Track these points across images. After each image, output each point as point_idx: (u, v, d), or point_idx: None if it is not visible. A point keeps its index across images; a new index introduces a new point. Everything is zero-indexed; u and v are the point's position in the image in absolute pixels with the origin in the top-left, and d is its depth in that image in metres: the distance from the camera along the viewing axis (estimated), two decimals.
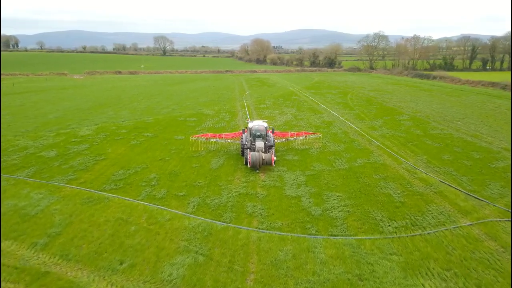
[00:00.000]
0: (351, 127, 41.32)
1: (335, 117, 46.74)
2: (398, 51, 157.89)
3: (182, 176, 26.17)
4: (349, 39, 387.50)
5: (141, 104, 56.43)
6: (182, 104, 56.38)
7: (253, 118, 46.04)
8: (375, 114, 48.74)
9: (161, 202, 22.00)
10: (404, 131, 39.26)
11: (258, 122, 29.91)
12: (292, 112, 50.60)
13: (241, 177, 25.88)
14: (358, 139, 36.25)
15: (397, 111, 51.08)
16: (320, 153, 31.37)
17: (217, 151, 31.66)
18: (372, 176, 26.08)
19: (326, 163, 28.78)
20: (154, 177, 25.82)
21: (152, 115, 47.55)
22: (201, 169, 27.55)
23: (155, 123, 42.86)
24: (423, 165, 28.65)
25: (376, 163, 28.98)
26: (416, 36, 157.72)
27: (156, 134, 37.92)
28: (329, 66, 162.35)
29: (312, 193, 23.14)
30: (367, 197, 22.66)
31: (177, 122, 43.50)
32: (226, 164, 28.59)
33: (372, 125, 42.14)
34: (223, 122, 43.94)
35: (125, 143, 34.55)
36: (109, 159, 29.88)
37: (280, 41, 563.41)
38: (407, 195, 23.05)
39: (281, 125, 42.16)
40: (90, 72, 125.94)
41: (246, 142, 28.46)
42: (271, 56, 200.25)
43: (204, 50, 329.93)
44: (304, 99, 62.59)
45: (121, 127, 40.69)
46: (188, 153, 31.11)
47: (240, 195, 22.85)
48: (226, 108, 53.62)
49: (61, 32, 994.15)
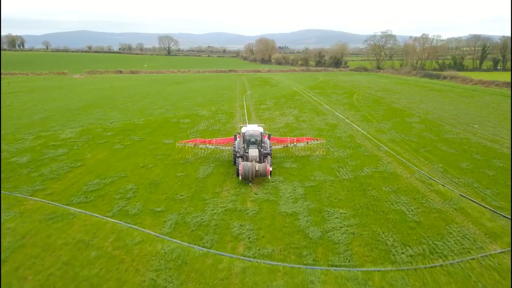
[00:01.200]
0: (357, 130, 37.87)
1: (340, 119, 43.32)
2: (406, 50, 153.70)
3: (164, 187, 22.96)
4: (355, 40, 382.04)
5: (135, 105, 53.40)
6: (177, 105, 53.25)
7: (251, 120, 42.79)
8: (383, 116, 45.22)
9: (134, 219, 18.80)
10: (416, 135, 35.74)
11: (252, 127, 26.57)
12: (294, 113, 47.24)
13: (231, 188, 22.60)
14: (365, 143, 32.83)
15: (407, 113, 47.50)
16: (322, 160, 28.00)
17: (206, 157, 28.41)
18: (381, 188, 22.68)
19: (329, 172, 25.41)
20: (132, 188, 22.64)
21: (143, 116, 44.46)
22: (186, 178, 24.32)
23: (145, 125, 39.74)
24: (439, 175, 25.17)
25: (385, 172, 25.55)
26: (425, 35, 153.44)
27: (144, 137, 34.78)
28: (335, 66, 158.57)
29: (311, 210, 19.80)
30: (375, 215, 19.28)
31: (169, 124, 40.34)
32: (215, 172, 25.33)
33: (380, 128, 38.67)
34: (219, 124, 40.70)
35: (108, 147, 31.43)
36: (86, 166, 26.76)
37: (286, 41, 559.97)
38: (423, 212, 19.63)
39: (281, 128, 38.84)
40: (91, 72, 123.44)
41: (239, 149, 25.12)
42: (276, 56, 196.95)
43: (209, 50, 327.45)
44: (307, 100, 59.19)
45: (108, 129, 37.61)
46: (175, 159, 27.90)
47: (227, 212, 19.57)
48: (223, 109, 50.40)
49: (69, 32, 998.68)
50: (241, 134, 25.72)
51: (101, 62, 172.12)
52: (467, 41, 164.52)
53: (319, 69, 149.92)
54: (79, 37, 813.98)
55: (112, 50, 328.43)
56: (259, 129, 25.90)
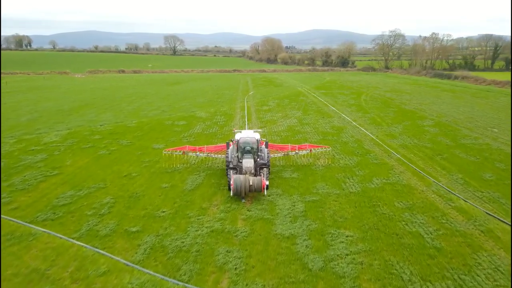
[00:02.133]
0: (366, 134, 34.83)
1: (346, 122, 40.27)
2: (414, 50, 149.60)
3: (145, 200, 20.18)
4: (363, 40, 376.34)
5: (130, 105, 50.81)
6: (175, 106, 50.55)
7: (251, 122, 39.94)
8: (393, 119, 42.09)
9: (103, 242, 16.04)
10: (430, 140, 32.62)
11: (247, 133, 23.62)
12: (297, 115, 44.27)
13: (220, 203, 19.76)
14: (374, 150, 29.80)
15: (419, 115, 44.30)
16: (326, 169, 25.03)
17: (197, 165, 25.58)
18: (393, 204, 19.69)
19: (334, 184, 22.46)
20: (108, 202, 19.88)
21: (137, 118, 41.80)
22: (171, 190, 21.52)
23: (137, 128, 37.05)
24: (459, 187, 22.12)
25: (397, 184, 22.54)
26: (435, 34, 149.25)
27: (133, 141, 32.07)
28: (342, 65, 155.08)
29: (312, 231, 16.88)
30: (387, 239, 16.31)
31: (162, 127, 37.61)
32: (205, 183, 22.50)
33: (390, 132, 35.59)
34: (216, 127, 37.88)
35: (92, 153, 28.76)
36: (63, 174, 24.09)
37: (293, 41, 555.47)
38: (444, 236, 16.61)
39: (283, 131, 35.92)
40: (93, 71, 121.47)
41: (232, 159, 22.17)
42: (282, 56, 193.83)
43: (216, 50, 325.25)
44: (312, 100, 56.17)
45: (96, 132, 34.98)
46: (162, 167, 25.09)
47: (213, 233, 16.73)
48: (223, 110, 47.59)
49: (77, 32, 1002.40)
50: (234, 141, 22.73)
51: (105, 62, 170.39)
52: (478, 40, 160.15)
53: (325, 69, 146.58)
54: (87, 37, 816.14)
55: (119, 50, 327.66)
56: (255, 135, 22.96)
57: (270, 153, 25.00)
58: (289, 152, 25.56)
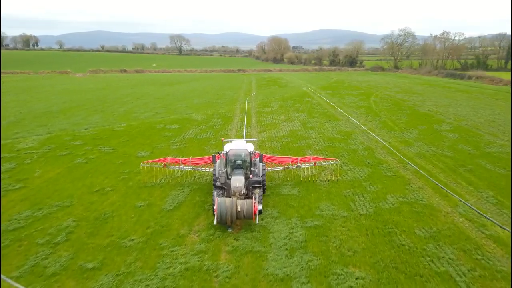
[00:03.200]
0: (377, 140, 31.17)
1: (355, 126, 36.60)
2: (424, 50, 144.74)
3: (113, 223, 16.80)
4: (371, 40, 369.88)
5: (123, 106, 47.60)
6: (170, 107, 47.23)
7: (250, 125, 36.47)
8: (407, 122, 38.32)
9: (48, 284, 12.69)
10: (450, 148, 28.86)
11: (238, 143, 19.99)
12: (301, 118, 40.67)
13: (202, 229, 16.30)
14: (387, 159, 26.14)
15: (435, 118, 40.46)
16: (332, 184, 21.45)
17: (181, 178, 22.11)
18: (414, 232, 16.08)
19: (341, 203, 18.89)
20: (68, 226, 16.54)
21: (127, 121, 38.53)
22: (147, 211, 18.11)
23: (124, 132, 33.77)
24: (492, 208, 18.43)
25: (417, 203, 18.90)
26: (446, 33, 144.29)
27: (116, 148, 28.76)
28: (350, 65, 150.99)
29: (313, 270, 13.36)
30: (409, 283, 12.73)
31: (151, 131, 34.28)
32: (187, 202, 19.06)
33: (404, 138, 31.88)
34: (210, 131, 34.44)
35: (67, 161, 25.48)
36: (26, 188, 20.83)
37: (301, 41, 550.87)
38: (482, 279, 13.01)
39: (284, 136, 32.38)
40: (94, 71, 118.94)
41: (220, 175, 18.51)
42: (289, 55, 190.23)
43: (223, 50, 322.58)
44: (318, 102, 52.52)
45: (78, 137, 31.76)
46: (142, 181, 21.67)
47: (188, 273, 13.28)
48: (221, 112, 44.16)
49: (86, 32, 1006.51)
50: (223, 153, 19.01)
51: (109, 61, 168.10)
52: (492, 39, 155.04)
53: (332, 69, 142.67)
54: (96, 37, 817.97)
55: (126, 49, 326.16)
56: (248, 146, 19.33)
57: (267, 166, 21.44)
58: (289, 166, 21.70)
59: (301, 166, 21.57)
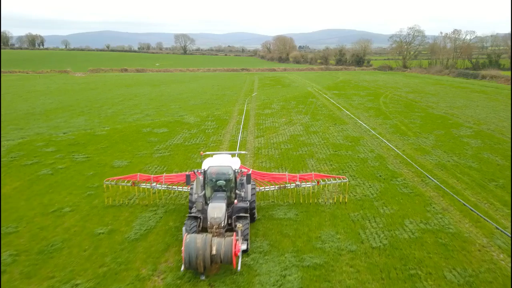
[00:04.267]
0: (388, 148, 27.40)
1: (363, 130, 32.86)
2: (433, 49, 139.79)
3: (59, 260, 13.30)
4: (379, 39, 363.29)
5: (112, 107, 44.26)
6: (163, 108, 43.79)
7: (247, 129, 32.89)
8: (422, 126, 34.48)
9: None
10: (474, 158, 25.02)
11: (221, 158, 16.14)
12: (304, 121, 36.99)
13: (170, 269, 12.73)
14: (402, 171, 22.40)
15: (452, 122, 36.57)
16: (337, 205, 17.76)
17: (157, 196, 18.51)
18: (443, 275, 12.39)
19: (347, 231, 15.23)
20: (3, 262, 13.04)
21: (111, 124, 35.14)
22: (106, 240, 14.59)
23: (105, 137, 30.35)
24: None
25: (442, 232, 15.18)
26: (457, 31, 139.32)
27: (92, 156, 25.31)
28: (357, 64, 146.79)
29: None
30: None
31: (136, 136, 30.83)
32: (158, 228, 15.51)
33: (419, 145, 28.07)
34: (201, 136, 30.88)
35: (31, 172, 22.07)
36: None
37: (307, 41, 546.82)
38: None
39: (283, 142, 28.73)
40: (94, 70, 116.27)
41: (196, 200, 14.24)
42: (294, 54, 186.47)
43: (229, 50, 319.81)
44: (323, 103, 48.78)
45: (52, 143, 28.40)
46: (110, 198, 18.12)
47: None
48: (217, 114, 40.61)
49: (94, 32, 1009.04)
50: (199, 172, 15.02)
51: (112, 61, 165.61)
52: (504, 38, 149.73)
53: (339, 68, 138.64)
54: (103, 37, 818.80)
55: (132, 49, 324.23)
56: (233, 162, 15.58)
57: (258, 185, 17.71)
58: (286, 185, 17.68)
59: (300, 185, 17.46)
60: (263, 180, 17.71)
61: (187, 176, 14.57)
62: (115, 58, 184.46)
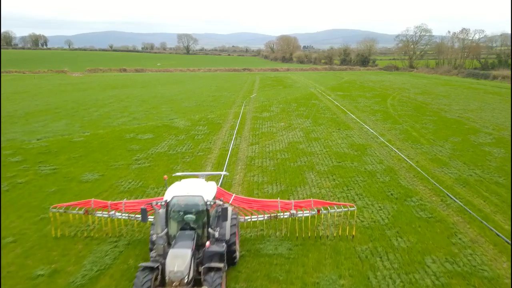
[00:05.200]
0: (400, 158, 24.06)
1: (370, 137, 29.52)
2: (439, 48, 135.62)
3: None
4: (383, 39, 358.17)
5: (99, 110, 41.21)
6: (153, 111, 40.66)
7: (241, 135, 29.66)
8: (435, 132, 31.10)
9: None
10: (500, 171, 21.63)
11: (190, 185, 12.27)
12: (305, 125, 33.71)
13: None
14: (417, 188, 19.07)
15: (469, 127, 33.16)
16: (340, 238, 14.44)
17: (116, 224, 15.21)
18: None
19: (354, 273, 11.94)
20: None
21: (94, 128, 32.06)
22: (43, 287, 11.38)
23: (82, 144, 27.24)
24: None
25: (475, 275, 11.87)
26: (465, 30, 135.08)
27: (60, 167, 22.19)
28: (362, 64, 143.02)
29: None
30: None
31: (117, 142, 27.69)
32: (113, 268, 12.29)
33: (435, 155, 24.70)
34: (189, 143, 27.66)
35: None
36: None
37: (312, 41, 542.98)
38: None
39: (280, 151, 25.45)
40: (92, 70, 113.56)
41: (157, 241, 10.49)
42: (298, 54, 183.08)
43: (232, 50, 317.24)
44: (326, 105, 45.45)
45: (21, 151, 25.32)
46: (64, 225, 14.89)
47: None
48: (211, 117, 37.41)
49: (99, 32, 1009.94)
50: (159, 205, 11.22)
51: (113, 61, 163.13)
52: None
53: (343, 68, 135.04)
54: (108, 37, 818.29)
55: (136, 49, 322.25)
56: (206, 190, 11.84)
57: (243, 213, 14.24)
58: (278, 214, 13.93)
59: (296, 214, 13.76)
60: (250, 208, 14.16)
61: (143, 211, 11.11)
62: (117, 58, 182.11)
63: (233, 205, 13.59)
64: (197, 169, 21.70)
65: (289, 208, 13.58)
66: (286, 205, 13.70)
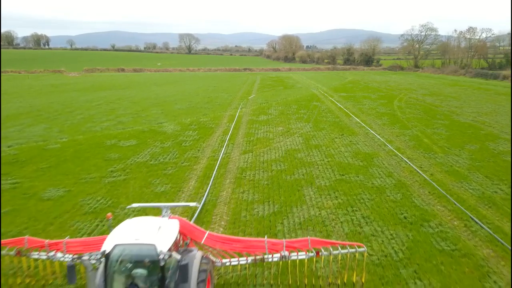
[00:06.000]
0: (411, 170, 21.10)
1: (377, 144, 26.56)
2: (443, 48, 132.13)
3: None
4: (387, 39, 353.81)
5: (84, 113, 38.45)
6: (142, 114, 37.85)
7: (234, 142, 26.76)
8: (449, 139, 28.11)
9: None
10: None
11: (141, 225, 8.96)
12: (305, 130, 30.80)
13: None
14: (434, 208, 16.13)
15: (485, 132, 30.15)
16: (345, 285, 11.51)
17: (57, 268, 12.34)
18: None
19: None
20: None
21: (73, 134, 29.29)
22: None
23: (56, 152, 24.45)
24: None
25: None
26: (472, 28, 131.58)
27: (22, 181, 19.41)
28: (366, 64, 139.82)
29: None
30: None
31: (95, 150, 24.87)
32: None
33: (451, 166, 21.73)
34: (174, 151, 24.80)
35: None
36: None
37: (315, 41, 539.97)
38: None
39: (276, 160, 22.55)
40: (89, 70, 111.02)
41: None
42: (300, 54, 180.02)
43: (235, 50, 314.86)
44: (328, 107, 42.50)
45: None
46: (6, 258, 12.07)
47: None
48: (203, 121, 34.56)
49: (102, 32, 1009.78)
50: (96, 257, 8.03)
51: (113, 60, 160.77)
52: None
53: (347, 68, 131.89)
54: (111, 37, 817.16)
55: (138, 49, 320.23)
56: (163, 233, 8.75)
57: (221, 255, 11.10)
58: (264, 256, 10.55)
59: (289, 257, 10.59)
60: (232, 248, 11.03)
61: (69, 268, 8.08)
62: (118, 58, 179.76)
63: (206, 246, 10.63)
64: (178, 183, 18.90)
65: (275, 250, 10.53)
66: (273, 246, 10.61)
